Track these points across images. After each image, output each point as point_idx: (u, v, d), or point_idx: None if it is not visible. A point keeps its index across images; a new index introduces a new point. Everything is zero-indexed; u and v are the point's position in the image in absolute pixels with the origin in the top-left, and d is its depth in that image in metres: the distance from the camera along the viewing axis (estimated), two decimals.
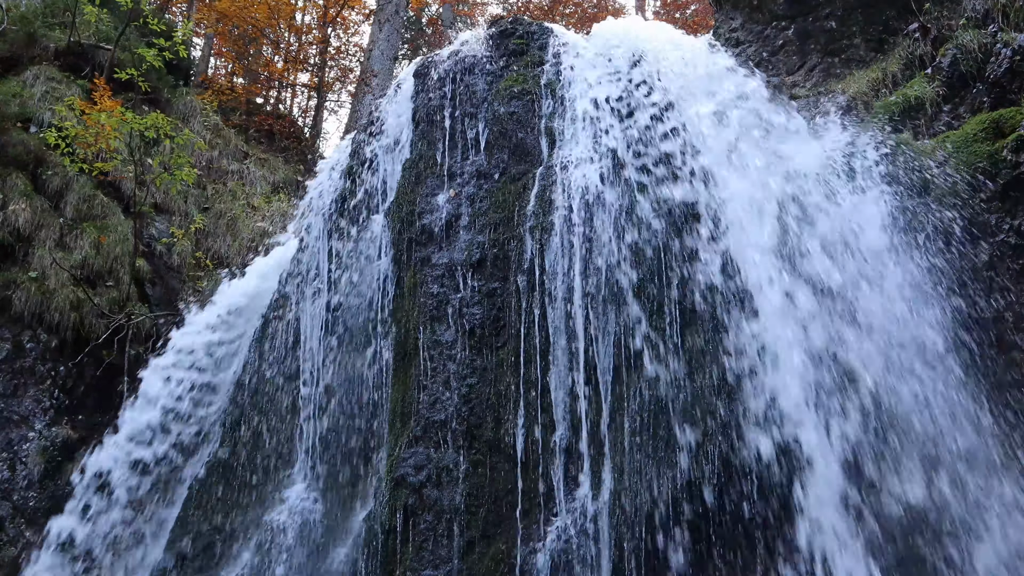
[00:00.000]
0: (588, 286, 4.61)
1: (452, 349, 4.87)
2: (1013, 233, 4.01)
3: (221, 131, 11.17)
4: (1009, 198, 4.07)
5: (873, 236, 4.40)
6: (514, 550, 4.21)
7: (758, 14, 6.57)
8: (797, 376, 3.88)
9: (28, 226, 7.36)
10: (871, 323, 4.08)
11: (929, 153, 4.49)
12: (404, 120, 6.18)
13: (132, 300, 7.45)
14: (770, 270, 4.29)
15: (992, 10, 4.89)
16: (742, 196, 4.66)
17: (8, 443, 6.39)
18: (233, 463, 5.70)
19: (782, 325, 4.05)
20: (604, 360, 4.41)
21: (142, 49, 9.29)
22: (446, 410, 4.68)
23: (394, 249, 5.50)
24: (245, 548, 5.24)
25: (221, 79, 15.70)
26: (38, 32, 9.51)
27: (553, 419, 4.47)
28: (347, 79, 18.21)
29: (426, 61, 6.27)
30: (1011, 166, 4.06)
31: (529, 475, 4.42)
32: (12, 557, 6.02)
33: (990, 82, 4.57)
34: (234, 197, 9.81)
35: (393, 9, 15.09)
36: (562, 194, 4.98)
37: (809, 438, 3.72)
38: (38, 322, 6.91)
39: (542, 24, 6.34)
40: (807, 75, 6.19)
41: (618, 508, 3.97)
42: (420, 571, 4.24)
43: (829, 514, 3.59)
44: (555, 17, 20.76)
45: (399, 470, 4.54)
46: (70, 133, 7.49)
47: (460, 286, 5.05)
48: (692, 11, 19.51)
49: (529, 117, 5.58)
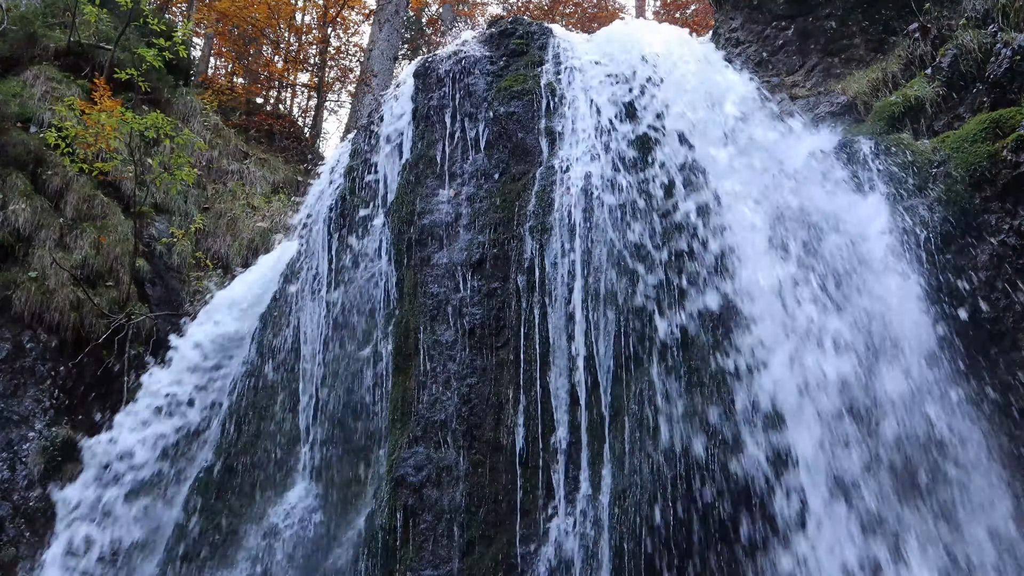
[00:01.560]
0: (588, 286, 4.61)
1: (452, 349, 4.87)
2: (1013, 233, 4.01)
3: (221, 131, 11.17)
4: (1009, 198, 4.07)
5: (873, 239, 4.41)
6: (514, 550, 4.21)
7: (758, 14, 6.57)
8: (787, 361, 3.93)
9: (28, 226, 7.36)
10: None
11: (929, 153, 4.49)
12: (404, 120, 6.18)
13: (132, 300, 7.45)
14: (768, 266, 4.33)
15: (992, 10, 4.89)
16: (740, 194, 4.68)
17: (8, 443, 6.39)
18: (233, 464, 5.70)
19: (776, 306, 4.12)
20: (604, 360, 4.41)
21: (142, 49, 9.29)
22: (446, 410, 4.68)
23: (394, 249, 5.50)
24: (245, 548, 5.24)
25: (221, 79, 15.70)
26: (38, 32, 9.51)
27: (553, 419, 4.47)
28: (347, 79, 18.22)
29: (426, 61, 6.27)
30: (1011, 166, 4.06)
31: (529, 475, 4.42)
32: (12, 557, 6.03)
33: (990, 82, 4.57)
34: (234, 197, 9.81)
35: (393, 9, 15.09)
36: (562, 194, 4.98)
37: (802, 443, 3.75)
38: (38, 322, 6.91)
39: (542, 24, 6.34)
40: (807, 75, 6.19)
41: (618, 508, 3.97)
42: (420, 571, 4.24)
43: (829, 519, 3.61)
44: (555, 17, 20.76)
45: (399, 470, 4.54)
46: (70, 133, 7.50)
47: (460, 286, 5.05)
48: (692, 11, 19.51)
49: (529, 117, 5.58)
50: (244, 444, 5.77)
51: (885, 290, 4.20)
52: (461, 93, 5.86)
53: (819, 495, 3.65)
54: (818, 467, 3.69)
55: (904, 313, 4.09)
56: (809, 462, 3.70)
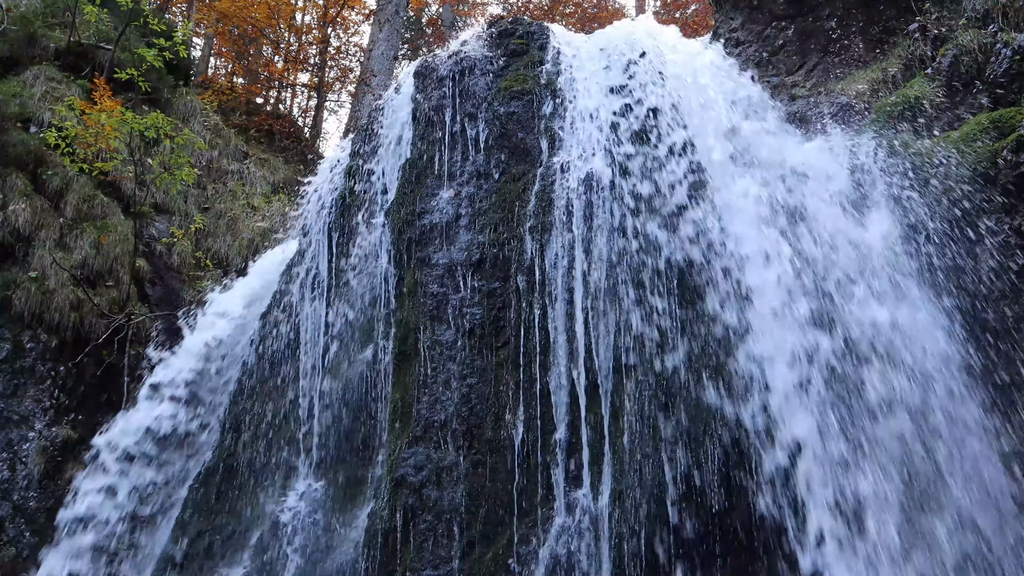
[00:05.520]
0: (588, 286, 4.61)
1: (452, 349, 4.87)
2: (1013, 233, 4.01)
3: (221, 131, 11.17)
4: (1009, 198, 4.07)
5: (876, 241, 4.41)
6: (514, 550, 4.21)
7: (758, 14, 6.57)
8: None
9: (28, 226, 7.36)
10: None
11: (929, 153, 4.49)
12: (404, 120, 6.18)
13: (132, 300, 7.44)
14: (763, 242, 4.37)
15: (992, 10, 4.89)
16: (738, 190, 4.70)
17: (8, 443, 6.39)
18: (233, 464, 5.70)
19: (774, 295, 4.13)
20: (604, 360, 4.41)
21: (142, 49, 9.29)
22: (446, 410, 4.68)
23: (394, 249, 5.49)
24: (246, 548, 5.23)
25: (221, 79, 15.70)
26: (38, 32, 9.51)
27: (553, 419, 4.47)
28: (347, 79, 18.23)
29: (426, 61, 6.28)
30: (1011, 166, 4.06)
31: (529, 475, 4.41)
32: (12, 557, 6.03)
33: (990, 82, 4.57)
34: (234, 197, 9.81)
35: (393, 9, 15.09)
36: (562, 194, 4.98)
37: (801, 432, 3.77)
38: (38, 322, 6.90)
39: (542, 24, 6.34)
40: (807, 75, 6.19)
41: (618, 508, 3.97)
42: (420, 571, 4.24)
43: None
44: (555, 17, 20.75)
45: (399, 470, 4.54)
46: (70, 133, 7.49)
47: (460, 286, 5.05)
48: (692, 11, 19.49)
49: (529, 117, 5.58)
50: (244, 444, 5.77)
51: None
52: (461, 93, 5.86)
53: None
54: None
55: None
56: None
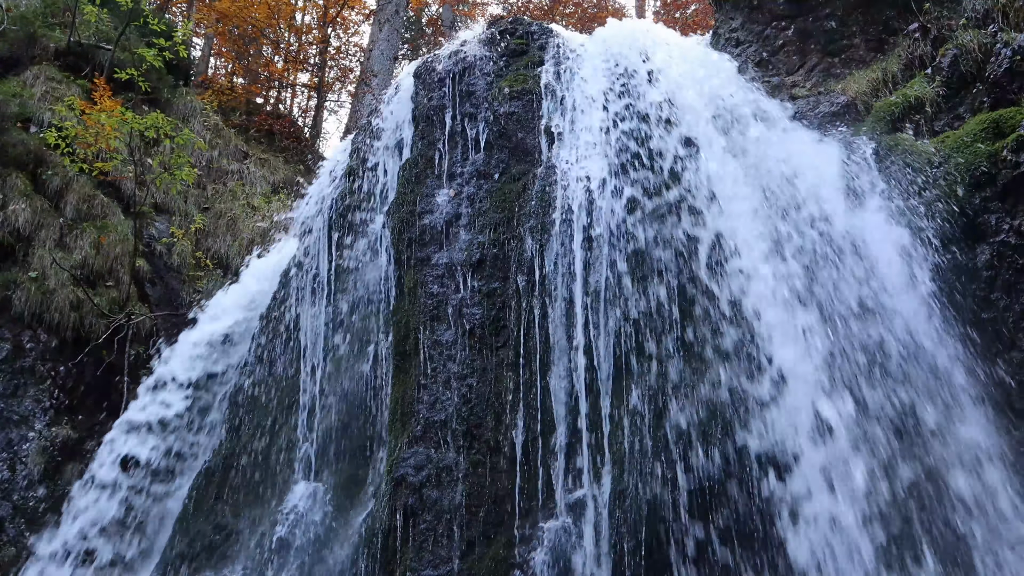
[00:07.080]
0: (588, 286, 4.61)
1: (452, 349, 4.87)
2: (1013, 233, 4.01)
3: (221, 131, 11.17)
4: (1009, 198, 4.07)
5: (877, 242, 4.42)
6: (514, 550, 4.20)
7: (758, 14, 6.56)
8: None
9: (28, 226, 7.36)
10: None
11: (929, 153, 4.49)
12: (404, 120, 6.18)
13: (132, 300, 7.45)
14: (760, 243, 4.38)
15: (992, 10, 4.89)
16: (731, 178, 4.73)
17: (8, 443, 6.39)
18: (233, 464, 5.70)
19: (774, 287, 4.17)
20: (604, 360, 4.41)
21: (142, 49, 9.29)
22: (446, 410, 4.68)
23: (394, 249, 5.49)
24: (246, 548, 5.23)
25: (221, 79, 15.69)
26: (38, 32, 9.51)
27: (553, 419, 4.47)
28: (347, 79, 18.23)
29: (426, 61, 6.27)
30: (1011, 166, 4.06)
31: (529, 475, 4.41)
32: (12, 557, 6.03)
33: (990, 82, 4.57)
34: (234, 197, 9.81)
35: (393, 9, 15.08)
36: (562, 194, 4.98)
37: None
38: (38, 322, 6.91)
39: (542, 24, 6.34)
40: (807, 75, 6.19)
41: (618, 508, 3.97)
42: (420, 571, 4.24)
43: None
44: (555, 17, 20.75)
45: (399, 470, 4.54)
46: (70, 133, 7.49)
47: (460, 286, 5.05)
48: (692, 11, 19.50)
49: (529, 117, 5.58)
50: (244, 444, 5.77)
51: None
52: (461, 93, 5.86)
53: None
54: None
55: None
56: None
